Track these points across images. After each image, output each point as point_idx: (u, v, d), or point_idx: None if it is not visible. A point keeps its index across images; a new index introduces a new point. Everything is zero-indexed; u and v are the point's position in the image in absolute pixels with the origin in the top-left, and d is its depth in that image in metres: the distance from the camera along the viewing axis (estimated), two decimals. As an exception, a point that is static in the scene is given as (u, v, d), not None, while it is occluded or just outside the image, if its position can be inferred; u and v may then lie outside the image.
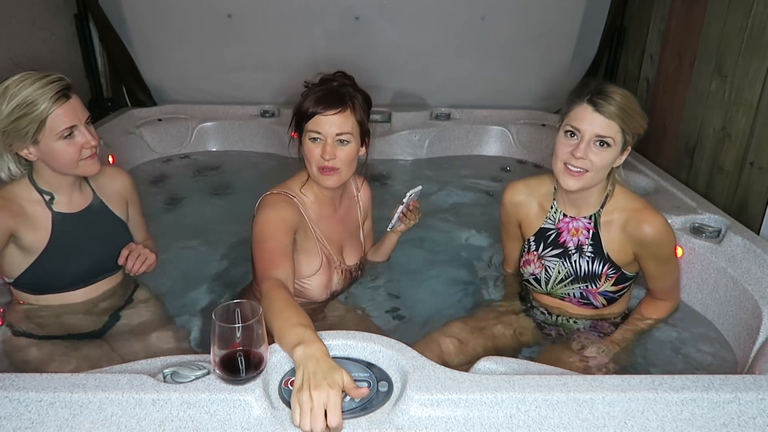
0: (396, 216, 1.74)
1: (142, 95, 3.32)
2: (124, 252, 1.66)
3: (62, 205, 1.58)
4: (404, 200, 1.71)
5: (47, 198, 1.56)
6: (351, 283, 1.82)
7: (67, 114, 1.45)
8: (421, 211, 1.84)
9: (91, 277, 1.66)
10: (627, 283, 1.68)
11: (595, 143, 1.49)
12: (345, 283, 1.76)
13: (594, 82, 1.52)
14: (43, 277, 1.57)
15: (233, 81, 3.30)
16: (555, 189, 1.71)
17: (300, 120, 1.58)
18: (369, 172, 3.05)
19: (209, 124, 3.30)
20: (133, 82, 3.28)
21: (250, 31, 3.12)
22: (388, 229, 1.82)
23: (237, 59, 3.18)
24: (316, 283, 1.66)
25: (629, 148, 1.54)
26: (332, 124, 1.54)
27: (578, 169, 1.51)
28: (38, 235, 1.54)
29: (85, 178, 1.65)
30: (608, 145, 1.48)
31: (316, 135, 1.55)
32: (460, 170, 3.13)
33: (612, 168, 1.57)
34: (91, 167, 1.54)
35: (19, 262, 1.55)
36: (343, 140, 1.56)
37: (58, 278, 1.59)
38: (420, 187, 1.73)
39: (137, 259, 1.65)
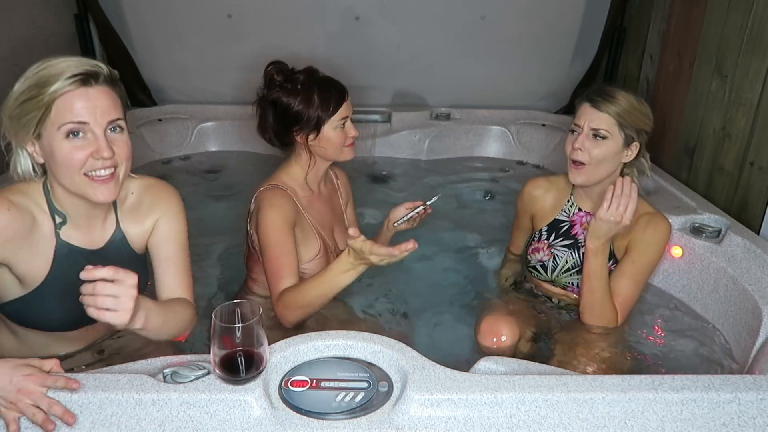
0: (411, 213, 1.68)
1: (142, 95, 3.31)
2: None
3: (73, 236, 1.27)
4: (428, 202, 1.68)
5: (58, 220, 1.25)
6: None
7: (81, 102, 1.13)
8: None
9: (84, 322, 1.33)
10: None
11: (592, 136, 1.60)
12: None
13: (598, 85, 1.66)
14: (30, 314, 1.30)
15: (233, 81, 3.29)
16: (574, 185, 1.78)
17: (319, 120, 1.64)
18: (369, 172, 3.07)
19: (209, 124, 3.30)
20: (133, 82, 3.28)
21: (250, 31, 3.11)
22: (395, 224, 1.76)
23: (237, 59, 3.17)
24: (314, 268, 1.67)
25: (636, 143, 1.63)
26: (347, 110, 1.67)
27: (579, 162, 1.63)
28: (35, 266, 1.23)
29: (114, 204, 1.32)
30: (604, 137, 1.59)
31: (339, 123, 1.66)
32: (460, 170, 3.14)
33: (623, 164, 1.66)
34: (103, 192, 1.19)
35: (6, 289, 1.26)
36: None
37: (47, 319, 1.31)
38: (440, 194, 1.73)
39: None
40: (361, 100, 3.23)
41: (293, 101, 1.63)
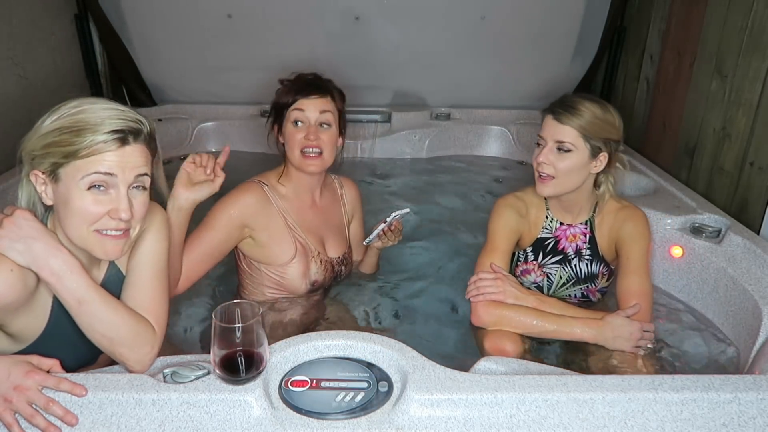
0: (375, 232, 1.74)
1: (142, 95, 3.31)
2: None
3: None
4: (388, 219, 1.71)
5: None
6: (334, 277, 1.81)
7: (113, 157, 1.06)
8: (419, 212, 1.84)
9: (82, 365, 1.27)
10: (614, 277, 1.75)
11: (556, 149, 1.57)
12: (326, 274, 1.76)
13: (563, 96, 1.64)
14: None
15: (233, 81, 3.30)
16: (546, 198, 1.74)
17: (281, 109, 1.65)
18: (369, 172, 3.07)
19: (209, 124, 3.30)
20: (133, 82, 3.28)
21: (250, 31, 3.11)
22: (364, 243, 1.82)
23: (237, 59, 3.17)
24: (293, 272, 1.69)
25: (605, 154, 1.59)
26: (315, 108, 1.62)
27: (545, 175, 1.60)
28: (31, 324, 1.15)
29: None
30: (568, 150, 1.56)
31: (298, 119, 1.62)
32: (459, 170, 3.14)
33: (597, 175, 1.63)
34: (113, 247, 1.11)
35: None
36: (324, 123, 1.63)
37: None
38: (407, 210, 1.74)
39: None
40: (361, 100, 3.25)
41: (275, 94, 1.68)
